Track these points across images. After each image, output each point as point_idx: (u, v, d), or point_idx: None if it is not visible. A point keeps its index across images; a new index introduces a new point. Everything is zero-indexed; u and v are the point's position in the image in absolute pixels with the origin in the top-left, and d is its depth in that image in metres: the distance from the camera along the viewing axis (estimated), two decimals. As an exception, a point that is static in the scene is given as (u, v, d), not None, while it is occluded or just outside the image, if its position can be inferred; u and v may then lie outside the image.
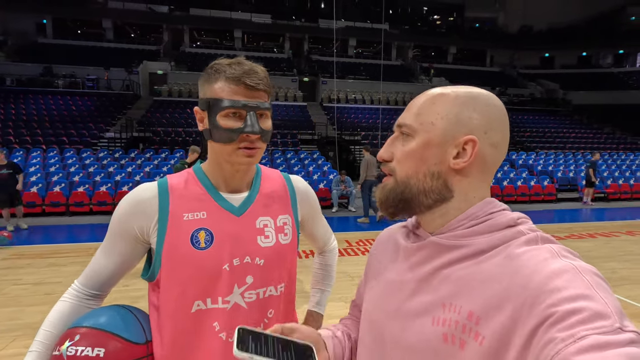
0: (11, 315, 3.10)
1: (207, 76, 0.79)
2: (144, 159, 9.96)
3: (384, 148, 0.58)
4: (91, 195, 7.98)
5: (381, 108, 15.27)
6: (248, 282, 0.79)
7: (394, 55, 24.80)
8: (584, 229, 6.78)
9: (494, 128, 0.52)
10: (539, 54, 27.13)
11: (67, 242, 5.80)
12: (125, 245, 0.80)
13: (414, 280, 0.53)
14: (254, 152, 0.78)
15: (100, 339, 0.71)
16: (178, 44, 22.04)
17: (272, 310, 0.83)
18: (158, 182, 0.82)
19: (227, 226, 0.80)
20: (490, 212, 0.51)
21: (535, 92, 22.81)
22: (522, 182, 10.22)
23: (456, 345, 0.45)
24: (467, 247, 0.49)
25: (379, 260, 0.64)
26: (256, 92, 0.76)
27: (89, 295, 0.83)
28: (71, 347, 0.69)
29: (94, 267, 0.83)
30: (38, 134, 11.26)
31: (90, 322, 0.73)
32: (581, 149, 14.67)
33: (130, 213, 0.79)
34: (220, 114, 0.75)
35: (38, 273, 4.19)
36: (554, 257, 0.43)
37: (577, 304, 0.37)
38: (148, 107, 15.43)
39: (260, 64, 0.81)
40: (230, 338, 0.77)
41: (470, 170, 0.52)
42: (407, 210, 0.55)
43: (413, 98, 0.59)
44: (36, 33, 20.10)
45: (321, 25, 22.90)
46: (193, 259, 0.76)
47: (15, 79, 15.59)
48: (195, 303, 0.76)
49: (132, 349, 0.73)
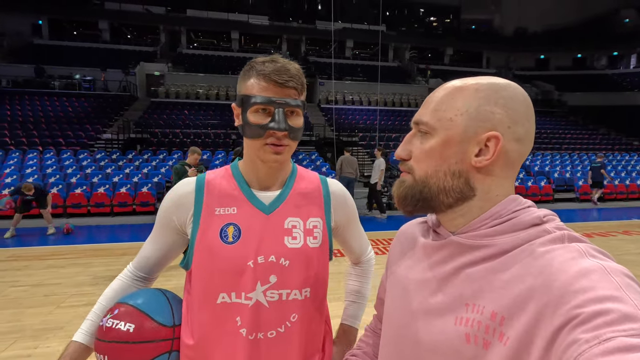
0: (11, 317, 3.07)
1: (243, 73, 0.81)
2: (142, 160, 9.91)
3: (401, 146, 0.56)
4: (89, 196, 7.93)
5: (378, 109, 15.31)
6: (271, 282, 0.79)
7: (391, 57, 24.90)
8: (581, 229, 6.83)
9: (518, 121, 0.50)
10: (534, 55, 27.35)
11: (66, 244, 5.75)
12: (168, 236, 0.86)
13: (435, 280, 0.52)
14: (281, 149, 0.79)
15: (133, 317, 0.78)
16: (175, 45, 21.99)
17: (296, 314, 0.82)
18: (197, 177, 0.86)
19: (255, 223, 0.81)
20: (515, 210, 0.49)
21: (530, 94, 22.74)
22: (520, 183, 10.28)
23: (479, 345, 0.44)
24: (490, 247, 0.48)
25: (401, 259, 0.62)
26: (286, 90, 0.77)
27: (139, 277, 0.90)
28: (110, 319, 0.78)
29: (143, 253, 0.90)
30: (34, 136, 11.17)
31: (132, 300, 0.82)
32: (577, 149, 14.79)
33: (171, 206, 0.85)
34: (250, 110, 0.77)
35: (37, 275, 4.16)
36: (582, 257, 0.41)
37: (604, 306, 0.35)
38: (145, 109, 15.36)
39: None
40: (251, 335, 0.78)
41: (493, 168, 0.50)
42: (426, 209, 0.54)
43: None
44: (32, 34, 19.98)
45: (318, 26, 22.96)
46: (220, 251, 0.79)
47: (11, 80, 15.49)
48: (220, 295, 0.79)
49: (159, 329, 0.79)
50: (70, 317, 3.09)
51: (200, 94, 17.21)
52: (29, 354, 2.56)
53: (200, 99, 17.02)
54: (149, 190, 8.22)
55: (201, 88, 17.62)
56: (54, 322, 3.00)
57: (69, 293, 3.62)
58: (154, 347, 0.78)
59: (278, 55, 0.80)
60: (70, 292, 3.65)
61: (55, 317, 3.11)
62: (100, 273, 4.21)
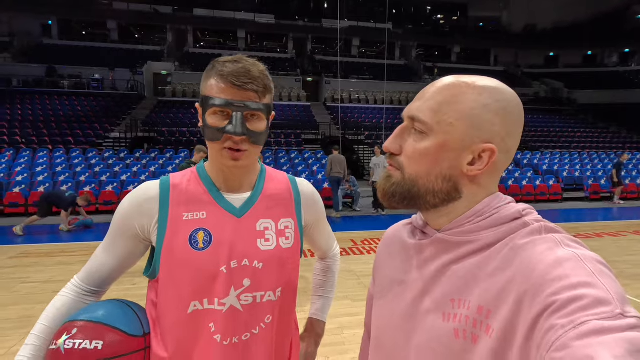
0: (22, 312, 3.13)
1: (205, 72, 0.78)
2: (149, 159, 10.01)
3: (391, 139, 0.54)
4: (97, 194, 8.02)
5: (385, 108, 15.27)
6: (245, 285, 0.77)
7: (398, 55, 24.77)
8: (591, 228, 6.74)
9: (511, 134, 0.50)
10: (543, 53, 27.00)
11: (75, 241, 5.83)
12: (126, 244, 0.80)
13: (423, 279, 0.53)
14: (239, 155, 0.75)
15: (98, 332, 0.70)
16: (182, 45, 22.13)
17: (270, 316, 0.81)
18: (160, 180, 0.81)
19: (226, 227, 0.78)
20: (497, 206, 0.50)
21: (539, 92, 22.68)
22: (527, 182, 10.17)
23: (468, 340, 0.45)
24: (474, 243, 0.49)
25: (386, 261, 0.63)
26: (245, 92, 0.74)
27: (88, 291, 0.83)
28: (69, 340, 0.69)
29: (94, 264, 0.82)
30: (44, 134, 11.34)
31: (87, 315, 0.73)
32: (587, 148, 14.59)
33: (132, 212, 0.78)
34: (209, 112, 0.75)
35: (46, 271, 4.23)
36: (557, 246, 0.43)
37: (577, 292, 0.37)
38: (152, 108, 15.50)
39: (263, 63, 0.79)
40: (225, 341, 0.76)
41: (481, 177, 0.51)
42: (411, 206, 0.54)
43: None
44: (42, 34, 20.25)
45: (324, 25, 22.91)
46: (190, 259, 0.75)
47: (21, 80, 15.72)
48: (192, 303, 0.75)
49: (130, 341, 0.73)
50: (79, 314, 3.14)
51: (207, 93, 17.29)
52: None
53: (207, 97, 17.09)
54: (157, 189, 8.29)
55: (208, 87, 17.70)
56: (64, 318, 3.05)
57: (78, 290, 3.67)
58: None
59: (243, 56, 0.77)
60: (79, 288, 3.70)
61: (65, 313, 3.16)
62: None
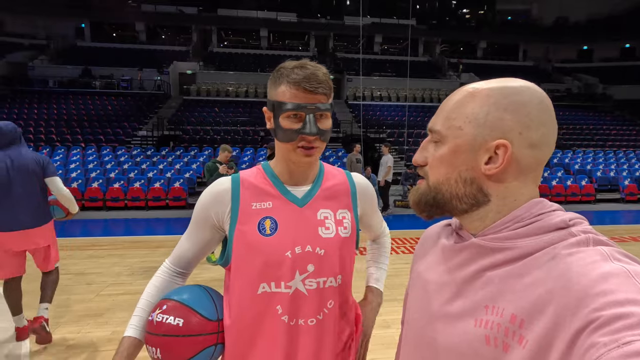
0: (60, 302, 3.29)
1: (273, 79, 0.85)
2: (175, 157, 10.30)
3: (418, 152, 0.57)
4: (126, 191, 8.34)
5: (407, 105, 15.00)
6: (309, 270, 0.85)
7: (421, 51, 24.30)
8: (626, 231, 6.40)
9: (532, 126, 0.48)
10: (576, 46, 25.76)
11: (104, 236, 6.09)
12: (205, 232, 0.91)
13: (456, 282, 0.52)
14: (311, 152, 0.84)
15: (181, 312, 0.84)
16: (206, 44, 22.61)
17: (332, 301, 0.88)
18: (232, 176, 0.92)
19: (290, 216, 0.87)
20: (539, 213, 0.48)
21: (572, 87, 21.66)
22: (558, 182, 9.77)
23: (499, 348, 0.44)
24: (512, 250, 0.47)
25: (421, 259, 0.64)
26: (315, 95, 0.81)
27: (177, 272, 0.97)
28: (159, 314, 0.84)
29: (180, 249, 0.95)
30: (78, 133, 11.89)
31: (177, 297, 0.87)
32: (623, 146, 13.83)
33: (209, 202, 0.89)
34: (282, 116, 0.83)
35: (79, 264, 4.43)
36: (605, 260, 0.40)
37: (624, 309, 0.35)
38: (178, 106, 15.93)
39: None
40: (292, 321, 0.84)
41: (505, 175, 0.49)
42: (440, 213, 0.55)
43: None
44: (75, 37, 21.21)
45: (346, 22, 22.77)
46: (259, 243, 0.84)
47: (57, 81, 16.54)
48: (260, 285, 0.84)
49: (205, 324, 0.85)
50: (108, 305, 3.27)
51: (230, 92, 17.61)
52: (72, 337, 2.74)
53: (230, 96, 17.41)
54: (181, 186, 8.54)
55: (231, 86, 18.02)
56: (94, 310, 3.20)
57: (107, 282, 3.83)
58: (202, 340, 0.84)
59: (306, 60, 0.85)
60: (108, 281, 3.87)
61: (96, 304, 3.31)
62: (136, 264, 4.40)
